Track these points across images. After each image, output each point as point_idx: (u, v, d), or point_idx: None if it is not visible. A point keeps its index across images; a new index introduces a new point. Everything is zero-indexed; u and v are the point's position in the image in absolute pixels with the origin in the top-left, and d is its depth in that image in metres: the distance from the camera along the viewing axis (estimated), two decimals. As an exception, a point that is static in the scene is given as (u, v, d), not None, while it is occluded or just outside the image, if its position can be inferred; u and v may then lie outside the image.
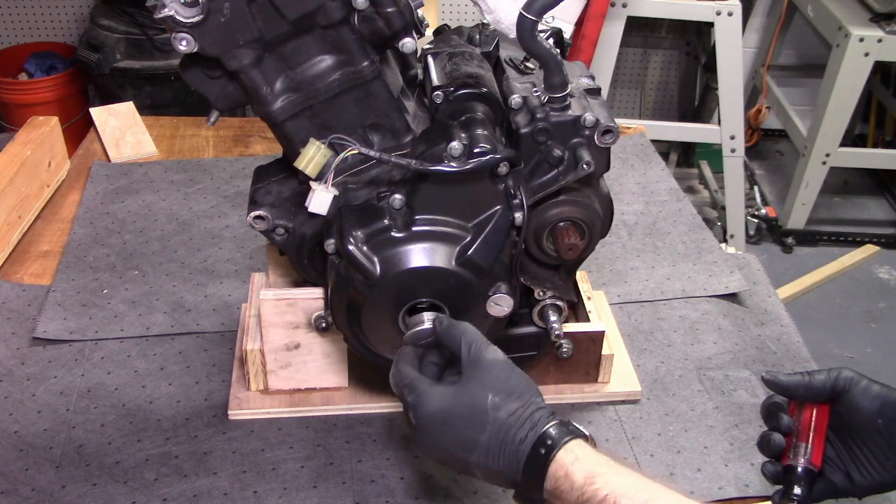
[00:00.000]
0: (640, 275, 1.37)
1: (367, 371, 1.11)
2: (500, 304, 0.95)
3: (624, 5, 2.65)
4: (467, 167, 0.90)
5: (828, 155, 2.94)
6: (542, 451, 0.80)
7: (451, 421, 0.83)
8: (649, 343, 1.23)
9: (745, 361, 1.21)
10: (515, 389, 0.83)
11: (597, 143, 0.96)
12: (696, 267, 1.38)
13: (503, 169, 0.93)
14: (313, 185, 0.94)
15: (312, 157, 0.92)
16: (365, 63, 0.92)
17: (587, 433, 0.82)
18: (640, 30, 3.34)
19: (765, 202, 3.23)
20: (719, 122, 2.87)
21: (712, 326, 1.27)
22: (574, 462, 0.79)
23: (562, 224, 1.00)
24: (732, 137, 2.83)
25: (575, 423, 0.82)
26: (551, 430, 0.81)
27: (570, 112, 0.96)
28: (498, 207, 0.94)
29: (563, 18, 1.68)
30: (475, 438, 0.82)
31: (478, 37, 1.11)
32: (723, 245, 2.91)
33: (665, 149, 3.33)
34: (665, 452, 1.05)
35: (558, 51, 0.97)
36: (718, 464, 1.04)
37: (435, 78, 1.01)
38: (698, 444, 1.07)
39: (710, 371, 1.18)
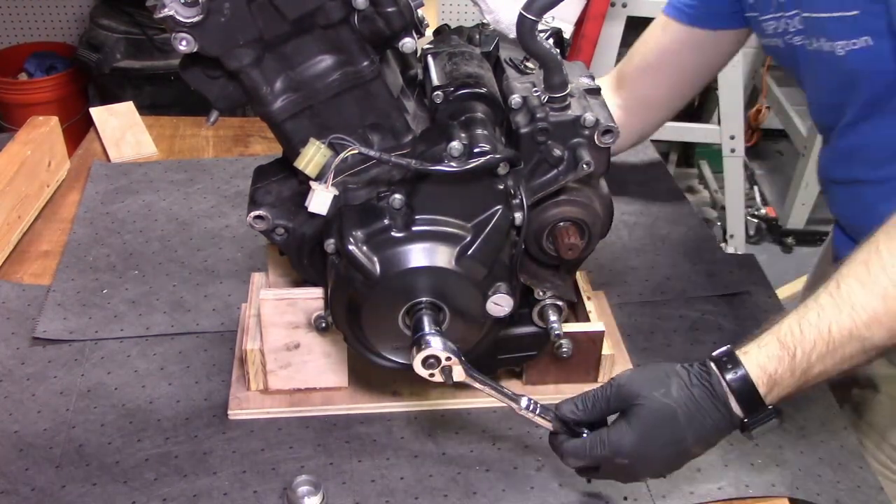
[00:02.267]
0: (640, 275, 1.37)
1: (367, 371, 1.11)
2: (500, 304, 0.95)
3: (624, 5, 2.65)
4: (467, 167, 0.90)
5: (828, 155, 2.93)
6: (733, 376, 0.88)
7: (649, 437, 0.89)
8: (649, 343, 1.23)
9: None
10: (657, 373, 0.91)
11: (597, 143, 0.96)
12: (695, 267, 1.38)
13: (503, 169, 0.93)
14: (313, 185, 0.94)
15: (312, 156, 0.92)
16: (365, 63, 0.92)
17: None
18: (639, 30, 3.32)
19: (765, 202, 3.23)
20: (719, 122, 2.87)
21: (712, 326, 1.27)
22: (757, 353, 0.88)
23: (562, 224, 0.99)
24: (732, 137, 2.83)
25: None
26: (713, 365, 0.89)
27: (569, 112, 0.96)
28: (498, 207, 0.94)
29: (563, 18, 1.69)
30: (677, 431, 0.88)
31: (478, 37, 1.11)
32: (722, 245, 2.91)
33: (665, 149, 3.33)
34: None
35: (558, 51, 0.97)
36: (718, 463, 1.04)
37: (435, 78, 1.01)
38: None
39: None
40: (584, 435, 0.92)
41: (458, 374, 0.92)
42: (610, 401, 0.92)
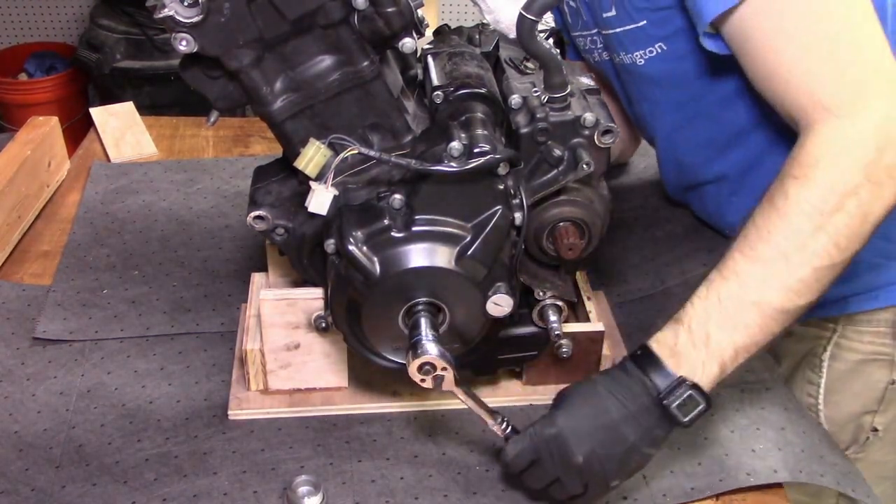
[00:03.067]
0: (640, 271, 1.36)
1: (367, 371, 1.11)
2: (500, 304, 0.95)
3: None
4: (467, 167, 0.90)
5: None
6: (638, 353, 0.94)
7: (573, 408, 0.93)
8: (649, 343, 1.23)
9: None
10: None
11: (597, 143, 0.96)
12: (694, 244, 1.37)
13: (503, 169, 0.93)
14: (313, 185, 0.94)
15: (312, 157, 0.92)
16: (365, 63, 0.92)
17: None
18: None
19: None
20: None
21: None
22: (657, 334, 0.94)
23: (562, 224, 0.99)
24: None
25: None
26: (626, 357, 0.95)
27: (569, 112, 0.96)
28: (498, 207, 0.94)
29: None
30: (599, 401, 0.92)
31: (478, 37, 1.11)
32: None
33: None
34: (665, 450, 1.04)
35: (558, 51, 0.96)
36: (719, 454, 1.04)
37: (435, 78, 1.01)
38: (698, 437, 1.06)
39: None
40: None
41: (448, 383, 0.93)
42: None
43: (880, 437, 1.28)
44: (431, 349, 0.91)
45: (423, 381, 0.92)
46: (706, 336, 0.91)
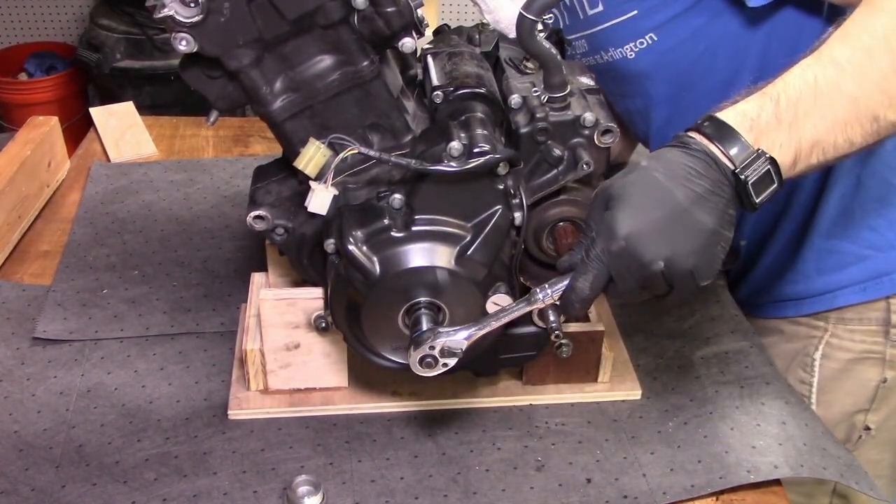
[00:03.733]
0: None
1: (366, 371, 1.11)
2: (500, 304, 0.95)
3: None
4: (467, 167, 0.90)
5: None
6: (708, 124, 0.82)
7: (634, 205, 0.80)
8: (649, 343, 1.23)
9: (744, 332, 1.21)
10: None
11: (596, 143, 0.96)
12: None
13: (503, 169, 0.93)
14: (313, 184, 0.94)
15: (312, 156, 0.92)
16: (364, 63, 0.92)
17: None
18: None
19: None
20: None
21: (713, 325, 1.26)
22: (736, 105, 0.82)
23: (561, 224, 1.00)
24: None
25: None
26: (687, 131, 0.82)
27: (569, 112, 0.96)
28: (497, 207, 0.94)
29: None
30: (661, 189, 0.80)
31: (478, 37, 1.11)
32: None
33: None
34: (665, 449, 1.05)
35: (557, 51, 0.97)
36: (719, 452, 1.04)
37: (435, 78, 1.01)
38: (698, 435, 1.06)
39: (709, 348, 1.18)
40: None
41: (458, 342, 0.91)
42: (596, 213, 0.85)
43: (873, 436, 1.28)
44: (419, 338, 0.91)
45: (444, 364, 0.91)
46: (793, 118, 0.80)
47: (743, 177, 0.79)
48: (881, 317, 1.21)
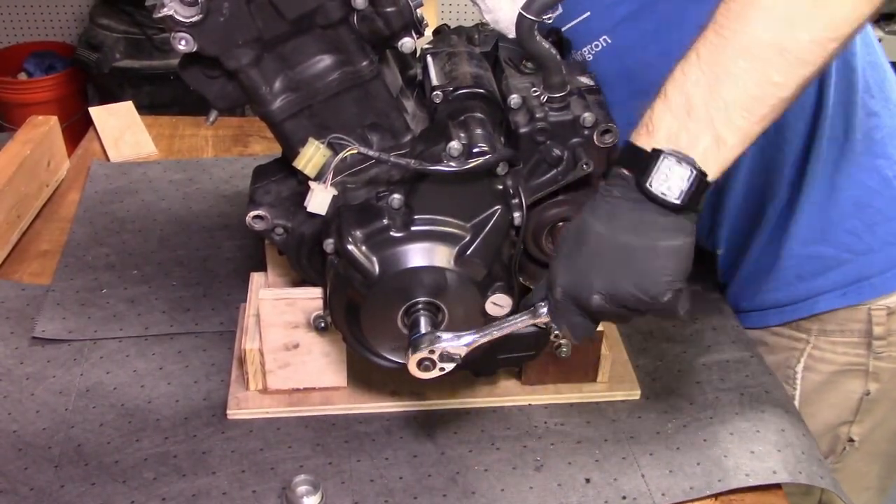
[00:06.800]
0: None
1: (366, 371, 1.11)
2: (499, 304, 0.95)
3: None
4: (466, 167, 0.90)
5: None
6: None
7: (572, 241, 0.83)
8: (648, 343, 1.23)
9: (745, 342, 1.21)
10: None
11: (596, 143, 0.96)
12: (695, 266, 1.38)
13: (502, 169, 0.93)
14: (312, 184, 0.94)
15: (311, 156, 0.92)
16: (364, 63, 0.92)
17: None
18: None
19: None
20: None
21: (712, 324, 1.26)
22: (637, 127, 0.80)
23: (561, 224, 0.99)
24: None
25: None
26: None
27: (569, 112, 0.96)
28: (497, 207, 0.94)
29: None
30: (590, 221, 0.81)
31: (477, 37, 1.11)
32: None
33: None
34: (664, 450, 1.05)
35: (556, 51, 0.96)
36: (718, 455, 1.04)
37: (434, 78, 1.01)
38: (697, 439, 1.07)
39: (710, 355, 1.18)
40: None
41: (458, 348, 0.91)
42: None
43: (857, 448, 1.27)
44: (416, 342, 0.90)
45: (441, 369, 0.91)
46: (686, 100, 0.77)
47: (643, 182, 0.78)
48: (863, 328, 1.20)
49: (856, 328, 1.20)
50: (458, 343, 0.91)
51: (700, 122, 0.77)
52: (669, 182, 0.77)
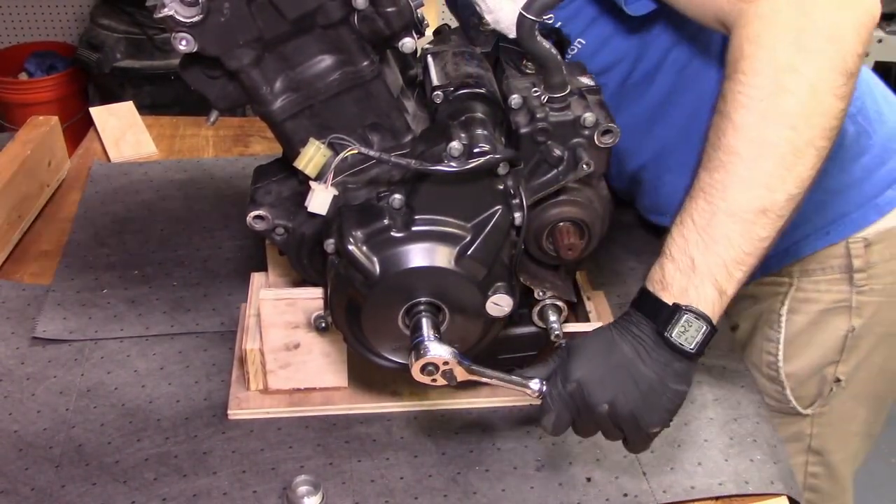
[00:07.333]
0: (639, 274, 1.36)
1: (366, 371, 1.11)
2: (500, 304, 0.95)
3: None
4: (467, 167, 0.90)
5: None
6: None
7: (590, 354, 0.92)
8: (649, 343, 1.23)
9: (745, 352, 1.21)
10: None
11: (596, 143, 0.96)
12: None
13: (503, 169, 0.93)
14: (313, 184, 0.94)
15: (312, 156, 0.92)
16: (365, 63, 0.92)
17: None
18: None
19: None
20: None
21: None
22: (651, 279, 0.91)
23: (561, 224, 0.99)
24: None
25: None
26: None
27: (569, 112, 0.96)
28: (497, 207, 0.94)
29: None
30: (612, 344, 0.91)
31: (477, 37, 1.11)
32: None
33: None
34: (665, 447, 1.05)
35: (557, 51, 0.96)
36: (718, 458, 1.04)
37: (435, 78, 1.01)
38: (699, 438, 1.07)
39: (709, 360, 1.18)
40: None
41: (461, 374, 0.92)
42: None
43: (843, 388, 1.27)
44: (431, 348, 0.91)
45: (433, 380, 0.92)
46: (690, 261, 0.89)
47: (665, 334, 0.89)
48: (843, 263, 1.21)
49: (836, 264, 1.21)
50: (460, 368, 0.92)
51: (704, 279, 0.88)
52: (687, 334, 0.89)
